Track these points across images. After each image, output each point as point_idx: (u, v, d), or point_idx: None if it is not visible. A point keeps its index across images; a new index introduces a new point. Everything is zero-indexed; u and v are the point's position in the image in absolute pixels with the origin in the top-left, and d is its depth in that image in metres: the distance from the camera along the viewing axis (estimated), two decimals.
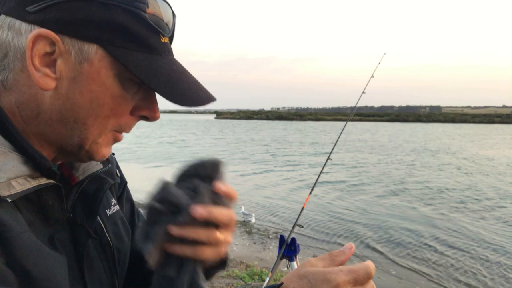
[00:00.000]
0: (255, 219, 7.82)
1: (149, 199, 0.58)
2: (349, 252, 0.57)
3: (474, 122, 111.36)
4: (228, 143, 28.95)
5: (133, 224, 0.87)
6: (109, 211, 0.75)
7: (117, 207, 0.79)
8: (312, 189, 3.22)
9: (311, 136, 39.18)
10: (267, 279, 2.46)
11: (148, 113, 0.62)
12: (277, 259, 2.84)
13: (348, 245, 0.58)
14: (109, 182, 0.73)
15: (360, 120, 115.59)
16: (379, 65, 3.69)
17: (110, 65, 0.54)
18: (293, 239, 2.87)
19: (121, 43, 0.54)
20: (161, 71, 0.56)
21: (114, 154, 0.82)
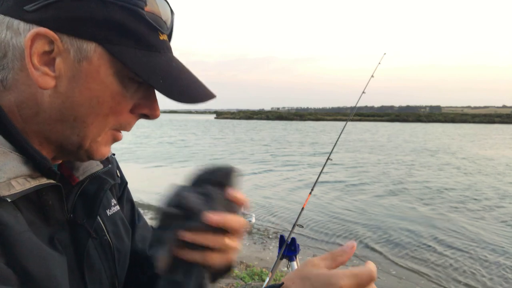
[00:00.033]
0: (255, 219, 7.82)
1: (163, 203, 0.58)
2: (351, 250, 0.57)
3: (474, 122, 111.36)
4: (227, 143, 28.94)
5: (134, 224, 0.87)
6: (109, 212, 0.75)
7: (117, 208, 0.79)
8: (312, 189, 3.21)
9: (311, 136, 39.17)
10: (267, 279, 2.46)
11: (148, 111, 0.62)
12: (277, 259, 2.84)
13: (349, 244, 0.58)
14: (109, 182, 0.73)
15: (360, 120, 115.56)
16: (379, 65, 3.69)
17: (109, 63, 0.54)
18: (293, 239, 2.87)
19: (119, 40, 0.54)
20: (160, 68, 0.56)
21: (114, 154, 0.82)
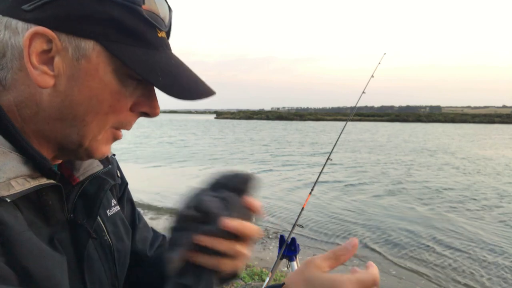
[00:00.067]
0: (255, 219, 7.80)
1: (181, 204, 0.58)
2: (353, 248, 0.56)
3: (474, 122, 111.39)
4: (227, 143, 28.93)
5: (134, 225, 0.87)
6: (110, 212, 0.75)
7: (118, 208, 0.79)
8: (312, 189, 3.21)
9: (311, 136, 39.16)
10: (267, 279, 2.46)
11: (148, 109, 0.61)
12: (277, 259, 2.84)
13: (351, 241, 0.57)
14: (109, 182, 0.73)
15: (360, 120, 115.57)
16: (379, 65, 3.69)
17: (107, 61, 0.54)
18: (293, 239, 2.87)
19: (117, 38, 0.54)
20: (159, 65, 0.56)
21: (115, 155, 0.82)
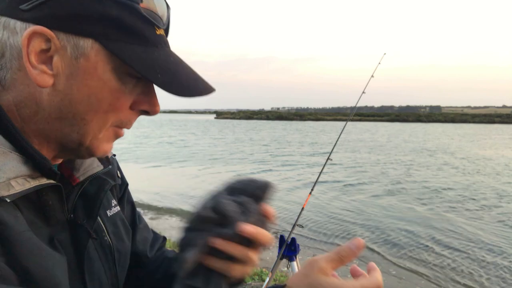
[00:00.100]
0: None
1: (199, 205, 0.59)
2: (357, 249, 0.55)
3: (474, 122, 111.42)
4: (227, 143, 28.94)
5: (135, 225, 0.87)
6: (110, 212, 0.75)
7: (118, 208, 0.78)
8: (312, 189, 3.21)
9: (311, 136, 39.15)
10: (267, 279, 2.45)
11: (148, 107, 0.61)
12: (277, 259, 2.83)
13: (356, 242, 0.55)
14: (110, 183, 0.73)
15: (360, 120, 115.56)
16: (379, 65, 3.68)
17: (106, 59, 0.54)
18: (293, 239, 2.86)
19: (116, 36, 0.53)
20: (157, 63, 0.56)
21: (115, 155, 0.82)
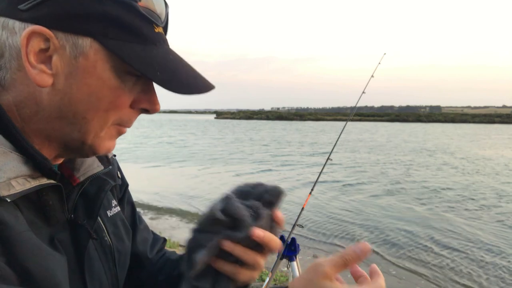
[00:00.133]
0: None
1: (211, 207, 0.59)
2: (363, 254, 0.53)
3: (474, 122, 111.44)
4: (227, 143, 28.95)
5: (135, 226, 0.87)
6: (110, 212, 0.75)
7: (118, 209, 0.79)
8: (312, 189, 3.20)
9: (311, 136, 39.16)
10: (267, 279, 2.45)
11: (148, 105, 0.61)
12: (277, 259, 2.83)
13: (362, 246, 0.53)
14: (110, 183, 0.73)
15: (360, 120, 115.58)
16: (379, 65, 3.68)
17: (105, 57, 0.54)
18: (293, 239, 2.86)
19: (114, 34, 0.53)
20: (156, 61, 0.56)
21: (115, 155, 0.82)
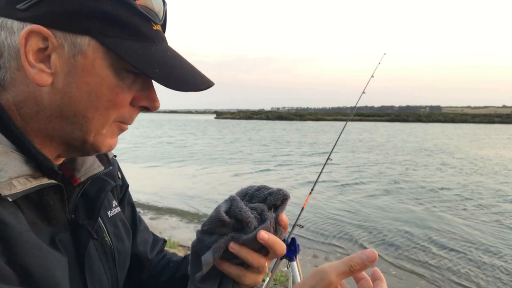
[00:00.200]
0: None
1: (216, 209, 0.60)
2: (370, 262, 0.50)
3: (474, 122, 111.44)
4: (226, 143, 28.95)
5: (135, 227, 0.88)
6: (110, 213, 0.75)
7: (118, 209, 0.79)
8: (312, 189, 3.21)
9: (310, 136, 39.15)
10: (267, 279, 2.45)
11: (147, 102, 0.61)
12: (277, 259, 2.83)
13: (368, 253, 0.50)
14: (110, 184, 0.74)
15: (360, 120, 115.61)
16: (379, 65, 3.68)
17: (104, 55, 0.54)
18: (293, 239, 2.86)
19: (112, 33, 0.54)
20: (155, 58, 0.56)
21: (116, 156, 0.82)
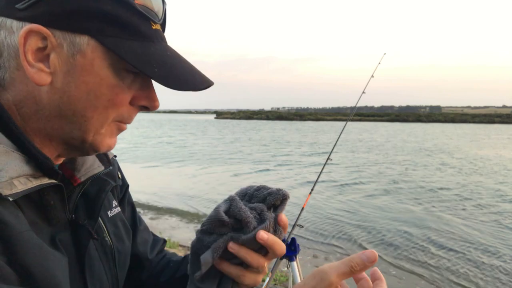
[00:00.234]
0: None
1: (215, 209, 0.60)
2: (370, 263, 0.50)
3: (474, 122, 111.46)
4: (226, 143, 28.95)
5: (135, 227, 0.88)
6: (110, 213, 0.75)
7: (118, 209, 0.79)
8: (312, 189, 3.20)
9: (310, 136, 39.14)
10: (267, 279, 2.45)
11: (147, 102, 0.61)
12: (277, 259, 2.83)
13: (369, 253, 0.50)
14: (110, 184, 0.74)
15: (360, 120, 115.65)
16: (379, 65, 3.68)
17: (103, 55, 0.54)
18: (293, 239, 2.86)
19: (111, 32, 0.53)
20: (154, 57, 0.56)
21: (116, 156, 0.82)
